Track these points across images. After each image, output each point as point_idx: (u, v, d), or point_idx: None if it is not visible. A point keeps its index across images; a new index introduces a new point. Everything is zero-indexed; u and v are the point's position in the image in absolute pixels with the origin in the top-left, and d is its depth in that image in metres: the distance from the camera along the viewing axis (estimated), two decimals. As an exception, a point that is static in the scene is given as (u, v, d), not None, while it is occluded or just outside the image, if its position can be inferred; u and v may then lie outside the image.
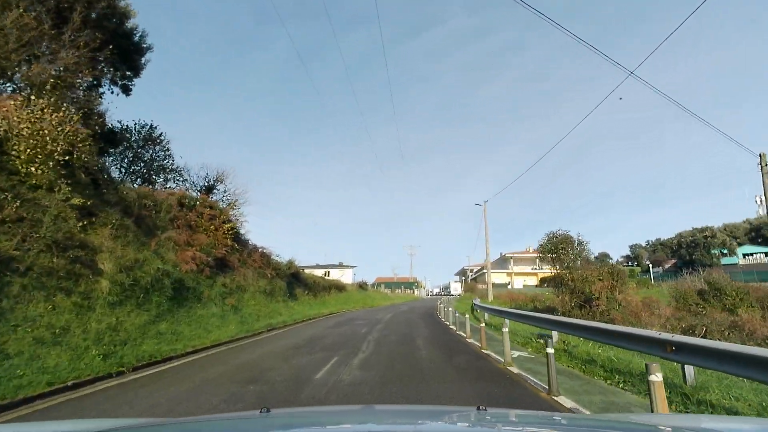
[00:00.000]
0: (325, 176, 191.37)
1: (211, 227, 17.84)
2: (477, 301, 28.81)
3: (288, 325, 18.61)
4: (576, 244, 16.55)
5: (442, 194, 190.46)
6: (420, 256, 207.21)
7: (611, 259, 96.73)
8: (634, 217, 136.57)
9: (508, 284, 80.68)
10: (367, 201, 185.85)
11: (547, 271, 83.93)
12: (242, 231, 22.01)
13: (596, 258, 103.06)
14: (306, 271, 72.66)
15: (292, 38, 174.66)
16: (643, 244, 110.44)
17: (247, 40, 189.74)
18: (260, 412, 1.73)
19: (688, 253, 73.29)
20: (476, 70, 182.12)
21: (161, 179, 22.17)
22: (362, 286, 45.52)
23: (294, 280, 26.97)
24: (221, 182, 24.73)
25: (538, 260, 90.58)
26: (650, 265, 77.72)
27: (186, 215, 17.10)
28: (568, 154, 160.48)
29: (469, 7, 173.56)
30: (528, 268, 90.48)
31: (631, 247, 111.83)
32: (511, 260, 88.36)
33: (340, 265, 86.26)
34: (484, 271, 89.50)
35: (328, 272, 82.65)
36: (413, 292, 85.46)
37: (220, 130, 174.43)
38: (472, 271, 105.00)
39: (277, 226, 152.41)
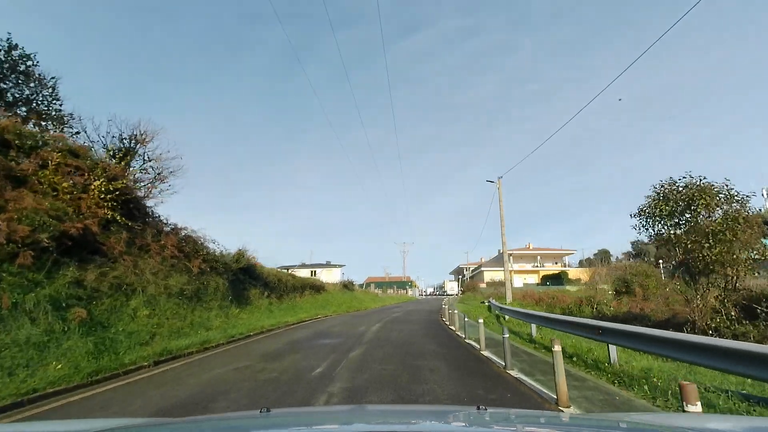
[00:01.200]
0: (317, 176, 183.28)
1: (65, 185, 10.16)
2: (494, 302, 21.51)
3: (209, 349, 11.01)
4: (724, 199, 8.92)
5: (435, 194, 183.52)
6: (413, 256, 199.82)
7: (612, 256, 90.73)
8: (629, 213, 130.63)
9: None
10: (359, 201, 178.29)
11: (550, 268, 76.79)
12: (150, 203, 14.37)
13: (595, 255, 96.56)
14: (291, 270, 64.68)
15: (289, 37, 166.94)
16: (647, 240, 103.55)
17: (237, 39, 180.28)
18: (260, 411, 1.70)
19: (701, 247, 66.95)
20: (474, 69, 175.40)
21: (37, 128, 14.48)
22: (347, 285, 37.96)
23: (246, 278, 19.30)
24: (142, 144, 17.12)
25: (539, 257, 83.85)
26: (661, 261, 71.37)
27: (6, 161, 9.42)
28: (565, 150, 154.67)
29: (462, 7, 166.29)
30: (528, 266, 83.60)
31: (633, 243, 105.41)
32: (511, 257, 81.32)
33: (328, 264, 78.81)
34: (482, 269, 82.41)
35: (315, 272, 75.11)
36: (407, 292, 77.95)
37: (213, 130, 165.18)
38: (468, 269, 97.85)
39: (267, 226, 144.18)
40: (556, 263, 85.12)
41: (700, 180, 9.05)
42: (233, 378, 7.20)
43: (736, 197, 8.63)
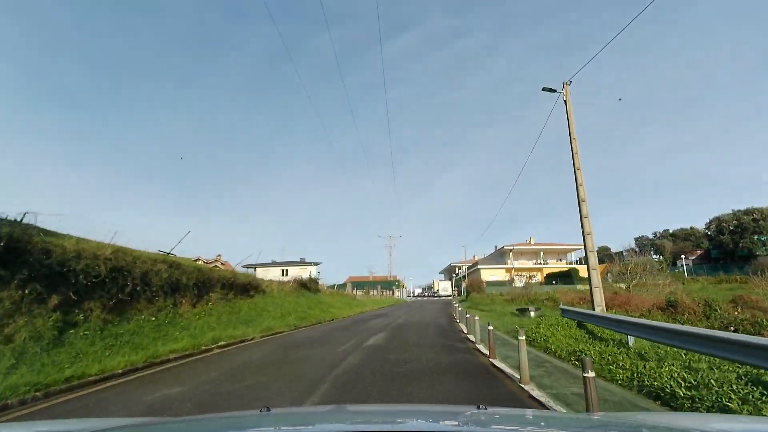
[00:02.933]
0: (302, 174, 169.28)
1: None
2: (601, 313, 9.63)
3: None
4: None
5: (423, 195, 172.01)
6: (401, 255, 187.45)
7: (616, 253, 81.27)
8: (629, 209, 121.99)
9: (511, 282, 62.28)
10: (344, 200, 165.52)
11: (554, 265, 65.98)
12: None
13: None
14: (259, 270, 51.31)
15: (280, 33, 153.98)
16: (650, 236, 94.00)
17: (221, 37, 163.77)
18: (260, 411, 1.67)
19: (731, 240, 56.76)
20: (463, 69, 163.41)
21: None
22: (307, 284, 25.10)
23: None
24: None
25: (542, 253, 72.76)
26: (683, 257, 61.02)
27: None
28: (559, 146, 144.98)
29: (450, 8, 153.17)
30: (529, 263, 72.36)
31: (636, 239, 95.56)
32: (511, 254, 70.07)
33: (302, 262, 66.47)
34: (479, 266, 70.80)
35: (286, 270, 62.93)
36: (393, 294, 65.72)
37: (197, 129, 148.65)
38: (460, 267, 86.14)
39: (248, 226, 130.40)
40: (560, 260, 74.24)
41: None
42: None
43: None
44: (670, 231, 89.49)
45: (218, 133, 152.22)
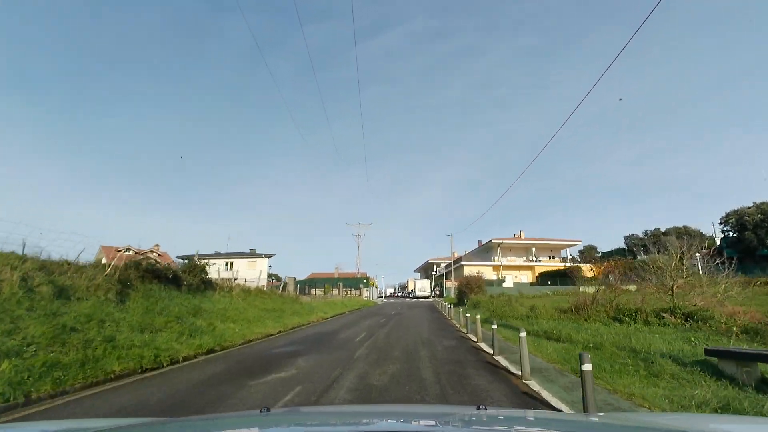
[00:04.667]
0: (274, 166, 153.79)
1: None
2: None
3: None
4: None
5: (396, 195, 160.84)
6: (372, 253, 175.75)
7: (599, 252, 73.23)
8: (611, 210, 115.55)
9: (502, 281, 51.90)
10: (315, 197, 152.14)
11: (547, 263, 54.80)
12: None
13: (581, 253, 76.25)
14: (204, 261, 37.58)
15: (251, 28, 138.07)
16: (641, 235, 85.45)
17: (197, 29, 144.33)
18: (260, 411, 1.59)
19: (755, 236, 48.63)
20: (437, 72, 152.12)
21: None
22: (171, 276, 12.87)
23: None
24: None
25: (533, 249, 62.69)
26: (698, 255, 52.53)
27: None
28: (554, 145, 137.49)
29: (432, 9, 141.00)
30: (519, 260, 62.22)
31: (626, 237, 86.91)
32: (499, 249, 59.72)
33: (251, 254, 53.35)
34: (463, 263, 59.81)
35: (231, 263, 50.08)
36: (360, 293, 53.76)
37: (178, 127, 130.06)
38: (439, 265, 75.21)
39: (216, 220, 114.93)
40: (552, 257, 64.53)
41: None
42: None
43: None
44: (663, 230, 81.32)
45: (182, 125, 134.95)
